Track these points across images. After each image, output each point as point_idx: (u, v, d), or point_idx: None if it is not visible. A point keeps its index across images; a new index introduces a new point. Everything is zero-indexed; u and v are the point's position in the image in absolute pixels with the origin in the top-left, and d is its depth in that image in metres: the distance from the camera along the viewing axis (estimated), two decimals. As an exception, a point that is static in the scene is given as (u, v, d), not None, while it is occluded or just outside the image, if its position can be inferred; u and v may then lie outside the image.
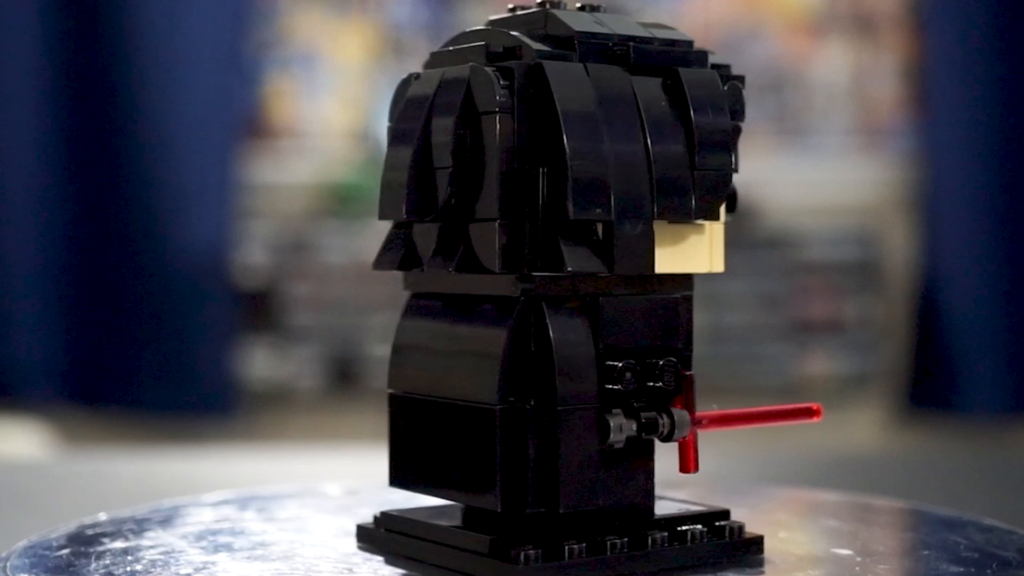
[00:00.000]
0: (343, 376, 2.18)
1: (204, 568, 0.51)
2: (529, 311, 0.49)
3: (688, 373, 0.50)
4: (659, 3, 2.28)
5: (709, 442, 0.52)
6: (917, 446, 2.14)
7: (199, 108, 2.16)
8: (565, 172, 0.48)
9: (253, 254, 2.19)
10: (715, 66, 0.52)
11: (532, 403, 0.48)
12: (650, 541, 0.50)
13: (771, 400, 2.18)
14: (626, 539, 0.49)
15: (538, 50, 0.49)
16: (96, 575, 0.50)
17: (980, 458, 1.44)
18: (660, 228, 0.50)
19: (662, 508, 0.52)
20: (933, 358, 2.19)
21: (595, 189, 0.48)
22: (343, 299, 2.17)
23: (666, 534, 0.50)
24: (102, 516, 0.60)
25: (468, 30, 0.53)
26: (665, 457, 0.51)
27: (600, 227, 0.48)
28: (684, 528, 0.51)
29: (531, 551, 0.48)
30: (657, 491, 0.51)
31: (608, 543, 0.49)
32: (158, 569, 0.51)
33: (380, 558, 0.52)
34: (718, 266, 0.51)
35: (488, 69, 0.49)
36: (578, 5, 0.52)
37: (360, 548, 0.54)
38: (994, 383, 2.16)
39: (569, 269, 0.48)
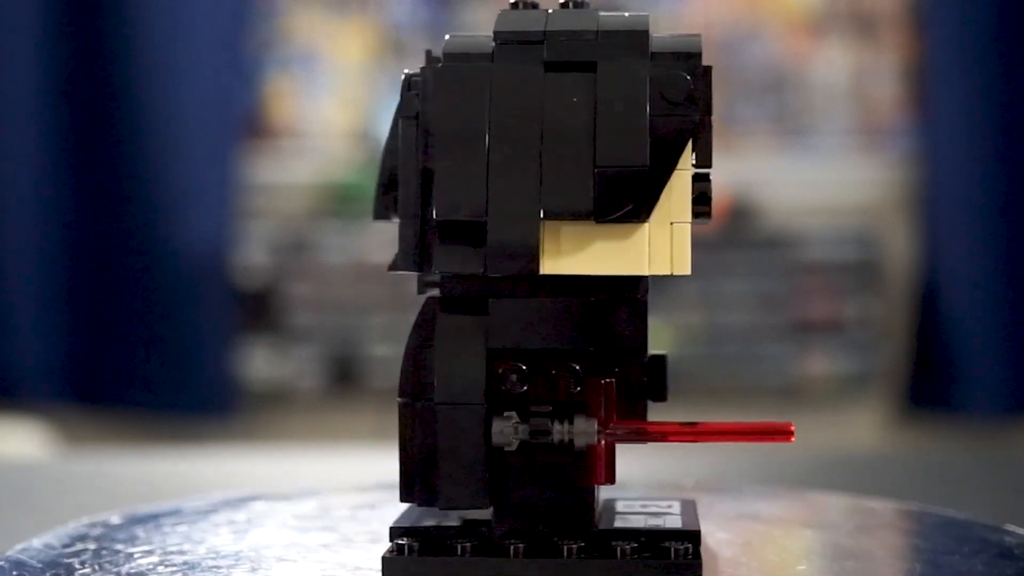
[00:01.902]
0: (343, 376, 2.18)
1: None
2: (429, 310, 0.50)
3: (606, 380, 0.48)
4: (659, 3, 2.28)
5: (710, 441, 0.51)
6: (917, 446, 2.14)
7: (199, 108, 2.16)
8: None
9: (253, 254, 2.19)
10: (678, 55, 0.49)
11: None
12: (565, 551, 0.48)
13: (771, 400, 2.19)
14: (524, 545, 0.48)
15: (448, 54, 0.49)
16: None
17: (980, 458, 1.44)
18: (579, 228, 0.48)
19: (629, 520, 0.51)
20: (933, 358, 2.19)
21: (462, 189, 0.48)
22: (343, 299, 2.17)
23: (582, 543, 0.48)
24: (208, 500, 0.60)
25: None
26: (663, 460, 0.50)
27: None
28: (615, 543, 0.48)
29: (413, 543, 0.48)
30: (655, 497, 0.51)
31: (511, 547, 0.48)
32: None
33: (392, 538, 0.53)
34: (681, 268, 0.48)
35: (410, 74, 0.50)
36: (560, 2, 0.51)
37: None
38: (994, 383, 2.16)
39: (436, 270, 0.48)
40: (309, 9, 2.34)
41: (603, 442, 0.48)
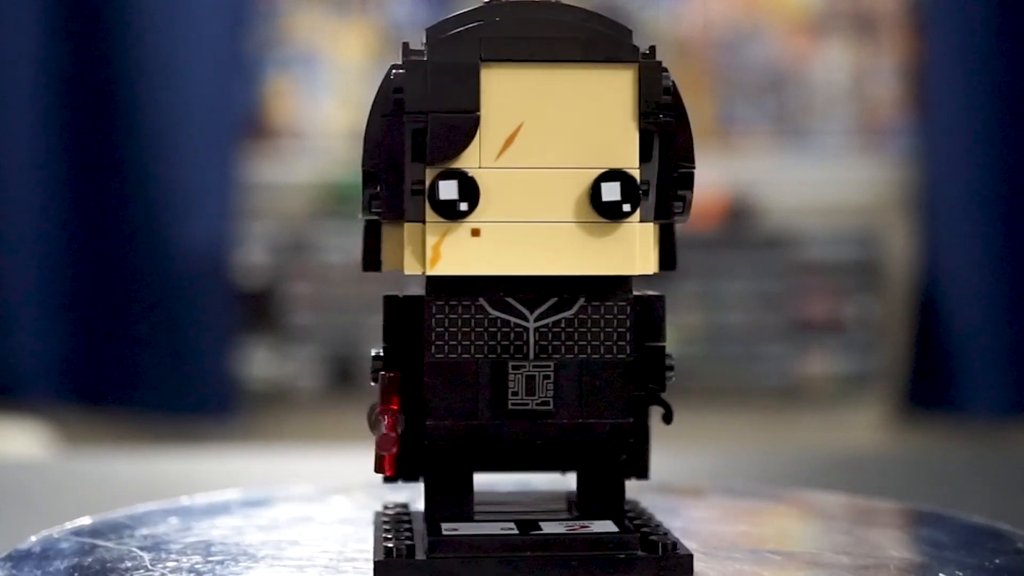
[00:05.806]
0: (343, 376, 2.18)
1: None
2: None
3: (390, 374, 0.51)
4: (659, 3, 2.28)
5: (711, 441, 0.51)
6: (917, 446, 2.14)
7: (199, 108, 2.16)
8: None
9: (253, 254, 2.19)
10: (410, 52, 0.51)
11: None
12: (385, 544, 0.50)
13: (771, 400, 2.19)
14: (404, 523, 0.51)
15: (398, 63, 0.53)
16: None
17: (980, 458, 1.44)
18: (409, 229, 0.50)
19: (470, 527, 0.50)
20: (933, 358, 2.19)
21: (369, 190, 0.51)
22: (343, 299, 2.17)
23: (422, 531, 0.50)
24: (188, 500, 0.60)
25: None
26: (659, 462, 0.50)
27: None
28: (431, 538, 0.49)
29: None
30: (644, 495, 0.51)
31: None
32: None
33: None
34: (412, 267, 0.50)
35: None
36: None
37: None
38: (994, 383, 2.16)
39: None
40: (309, 9, 2.34)
41: (386, 434, 0.50)
